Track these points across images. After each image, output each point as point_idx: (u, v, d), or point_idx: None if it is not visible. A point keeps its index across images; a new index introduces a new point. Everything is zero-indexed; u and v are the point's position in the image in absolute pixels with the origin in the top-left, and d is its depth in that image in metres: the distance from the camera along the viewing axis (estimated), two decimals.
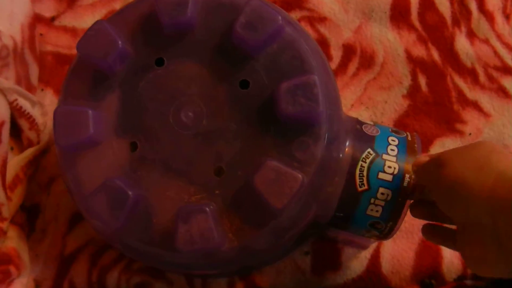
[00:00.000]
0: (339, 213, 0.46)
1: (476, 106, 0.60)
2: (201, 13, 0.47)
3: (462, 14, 0.62)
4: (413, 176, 0.45)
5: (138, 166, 0.45)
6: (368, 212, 0.46)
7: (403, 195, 0.45)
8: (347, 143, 0.46)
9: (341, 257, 0.55)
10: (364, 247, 0.53)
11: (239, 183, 0.44)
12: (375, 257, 0.55)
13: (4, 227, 0.53)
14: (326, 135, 0.44)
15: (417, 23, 0.62)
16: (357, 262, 0.55)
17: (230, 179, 0.44)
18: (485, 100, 0.60)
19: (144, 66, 0.47)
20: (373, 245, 0.55)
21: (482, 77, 0.61)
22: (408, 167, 0.45)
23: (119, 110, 0.47)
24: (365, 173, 0.45)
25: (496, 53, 0.61)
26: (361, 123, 0.49)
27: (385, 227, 0.46)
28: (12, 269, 0.53)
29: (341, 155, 0.46)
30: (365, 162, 0.46)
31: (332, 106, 0.45)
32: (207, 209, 0.42)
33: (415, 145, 0.47)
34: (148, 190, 0.45)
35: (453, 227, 0.41)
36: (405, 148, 0.47)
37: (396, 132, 0.49)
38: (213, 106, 0.46)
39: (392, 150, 0.46)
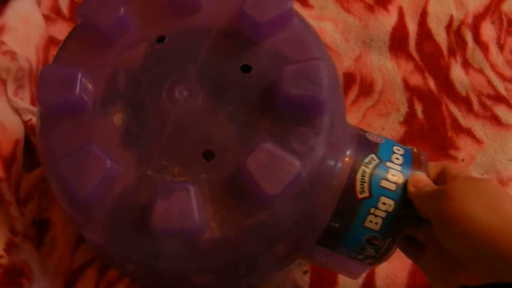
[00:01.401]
0: (335, 223, 0.43)
1: (469, 133, 0.62)
2: None
3: (458, 44, 0.65)
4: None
5: (121, 140, 0.42)
6: (367, 223, 0.42)
7: (407, 208, 0.42)
8: (350, 146, 0.44)
9: (338, 276, 0.57)
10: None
11: (229, 169, 0.41)
12: (370, 276, 0.57)
13: (18, 240, 0.55)
14: (328, 130, 0.41)
15: (414, 53, 0.65)
16: (353, 281, 0.57)
17: (219, 164, 0.41)
18: (478, 127, 0.63)
19: (144, 40, 0.45)
20: None
21: (476, 105, 0.63)
22: None
23: (111, 80, 0.44)
24: (366, 179, 0.42)
25: (489, 82, 0.64)
26: (364, 131, 0.47)
27: (383, 244, 0.43)
28: (24, 281, 0.55)
29: (342, 156, 0.43)
30: (368, 168, 0.42)
31: (335, 101, 0.43)
32: (191, 187, 0.39)
33: (421, 157, 0.45)
34: (128, 166, 0.41)
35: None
36: (411, 158, 0.44)
37: (400, 144, 0.46)
38: (210, 87, 0.43)
39: (397, 158, 0.44)
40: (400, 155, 0.44)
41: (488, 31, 0.66)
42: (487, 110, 0.63)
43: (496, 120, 0.63)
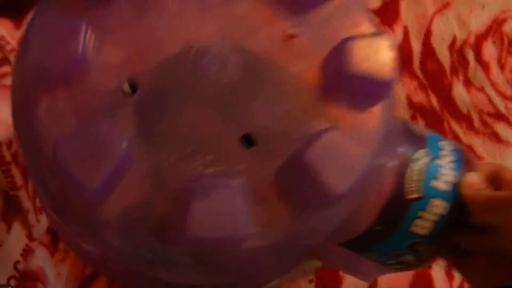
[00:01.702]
0: (376, 227, 0.37)
1: (470, 149, 0.64)
2: None
3: (460, 63, 0.67)
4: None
5: (133, 117, 0.32)
6: (413, 228, 0.36)
7: (458, 212, 0.37)
8: (399, 139, 0.38)
9: (341, 285, 0.59)
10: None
11: (274, 160, 0.32)
12: (373, 286, 0.59)
13: (34, 246, 0.57)
14: (384, 119, 0.34)
15: (418, 71, 0.67)
16: None
17: (261, 153, 0.33)
18: (479, 144, 0.64)
19: None
20: None
21: (476, 123, 0.65)
22: None
23: (120, 38, 0.34)
24: (417, 177, 0.36)
25: (490, 100, 0.66)
26: (406, 121, 0.42)
27: (427, 250, 0.38)
28: (39, 285, 0.57)
29: (392, 151, 0.37)
30: (418, 165, 0.37)
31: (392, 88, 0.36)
32: (235, 183, 0.30)
33: (470, 155, 0.40)
34: (145, 152, 0.32)
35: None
36: (461, 156, 0.39)
37: (447, 139, 0.41)
38: (248, 56, 0.34)
39: (447, 155, 0.38)
40: (450, 151, 0.39)
41: (489, 50, 0.67)
42: (487, 128, 0.65)
43: (496, 137, 0.64)
